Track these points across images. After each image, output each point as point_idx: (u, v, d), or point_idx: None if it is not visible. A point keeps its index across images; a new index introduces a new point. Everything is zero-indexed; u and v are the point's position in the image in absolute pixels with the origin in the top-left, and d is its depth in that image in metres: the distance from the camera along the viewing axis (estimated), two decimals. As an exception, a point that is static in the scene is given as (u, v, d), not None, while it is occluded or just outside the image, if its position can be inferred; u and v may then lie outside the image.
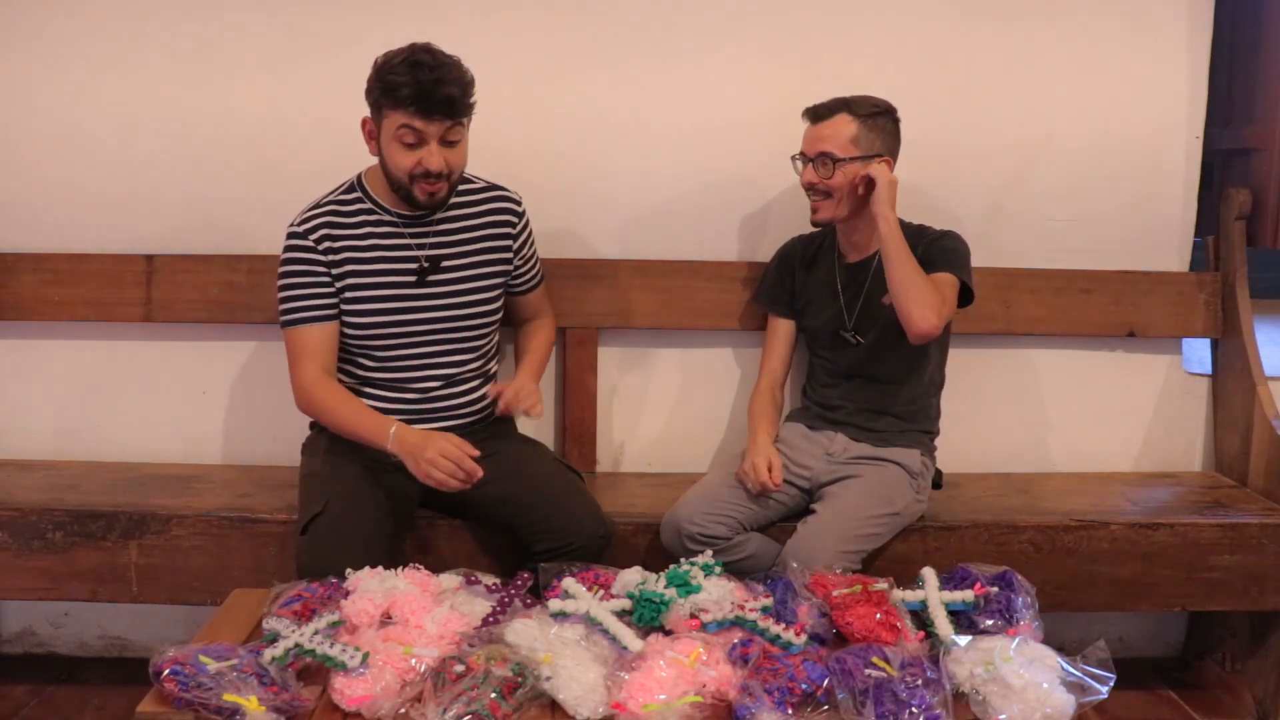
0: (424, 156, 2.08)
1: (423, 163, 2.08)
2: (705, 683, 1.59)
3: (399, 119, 2.05)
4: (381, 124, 2.09)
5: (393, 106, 2.05)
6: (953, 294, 2.24)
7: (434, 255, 2.21)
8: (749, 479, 2.23)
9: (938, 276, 2.23)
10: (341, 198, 2.21)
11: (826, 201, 2.28)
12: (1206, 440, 2.78)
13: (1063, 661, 1.63)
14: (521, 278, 2.35)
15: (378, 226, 2.19)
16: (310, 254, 2.16)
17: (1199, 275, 2.70)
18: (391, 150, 2.09)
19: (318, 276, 2.16)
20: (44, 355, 2.64)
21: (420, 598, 1.79)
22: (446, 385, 2.25)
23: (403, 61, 2.04)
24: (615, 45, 2.58)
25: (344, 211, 2.19)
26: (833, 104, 2.27)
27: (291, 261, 2.17)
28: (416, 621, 1.72)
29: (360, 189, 2.22)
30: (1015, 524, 2.32)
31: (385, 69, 2.06)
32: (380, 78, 2.06)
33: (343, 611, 1.75)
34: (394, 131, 2.07)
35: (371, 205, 2.20)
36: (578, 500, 2.20)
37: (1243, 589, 2.35)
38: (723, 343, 2.69)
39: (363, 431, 2.11)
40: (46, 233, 2.59)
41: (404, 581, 1.84)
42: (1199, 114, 2.66)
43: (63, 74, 2.55)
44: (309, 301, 2.16)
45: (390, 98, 2.05)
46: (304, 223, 2.18)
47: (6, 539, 2.24)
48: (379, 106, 2.08)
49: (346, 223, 2.18)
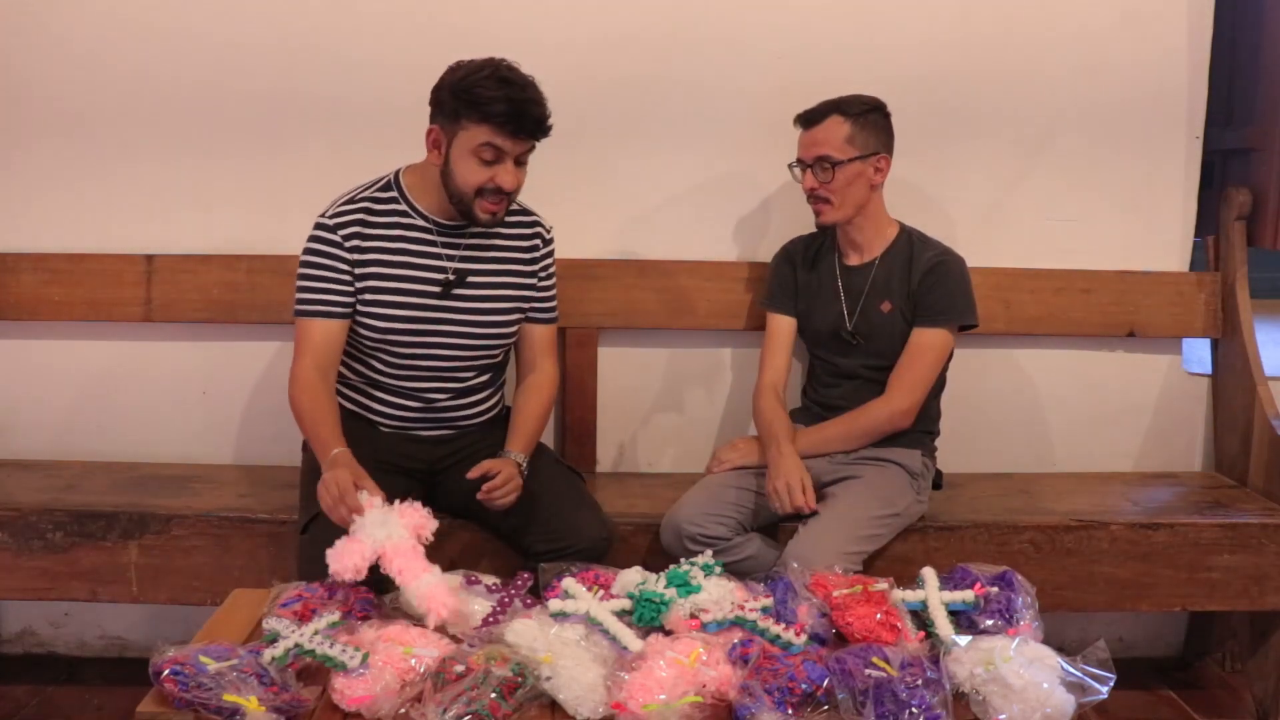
0: (497, 174, 2.05)
1: (495, 180, 2.05)
2: (705, 683, 1.59)
3: (482, 134, 2.01)
4: (457, 136, 2.04)
5: (478, 121, 2.01)
6: (937, 358, 2.29)
7: (461, 269, 2.18)
8: (779, 499, 2.17)
9: (925, 340, 2.27)
10: (376, 195, 2.17)
11: (829, 205, 2.28)
12: (1206, 440, 2.78)
13: (1063, 661, 1.63)
14: (536, 305, 2.29)
15: (409, 231, 2.15)
16: (336, 249, 2.12)
17: (1199, 275, 2.70)
18: (464, 164, 2.05)
19: (339, 273, 2.12)
20: (44, 355, 2.64)
21: (411, 558, 1.79)
22: (455, 396, 2.25)
23: (490, 76, 2.00)
24: (614, 45, 2.58)
25: (378, 210, 2.15)
26: (823, 107, 2.27)
27: (314, 253, 2.13)
28: (403, 581, 1.75)
29: (397, 189, 2.17)
30: (1015, 524, 2.31)
31: (470, 82, 2.01)
32: (466, 90, 2.01)
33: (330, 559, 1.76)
34: (473, 146, 2.03)
35: (407, 208, 2.16)
36: (579, 504, 2.19)
37: (1243, 589, 2.35)
38: (723, 343, 2.69)
39: (313, 441, 2.06)
40: (46, 233, 2.59)
41: (399, 529, 1.82)
42: (1199, 114, 2.66)
43: (62, 73, 2.55)
44: (322, 296, 2.12)
45: (477, 112, 2.00)
46: (335, 216, 2.13)
47: (6, 539, 2.24)
48: (456, 117, 2.03)
49: (379, 222, 2.14)
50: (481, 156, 2.04)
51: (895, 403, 2.27)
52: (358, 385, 2.24)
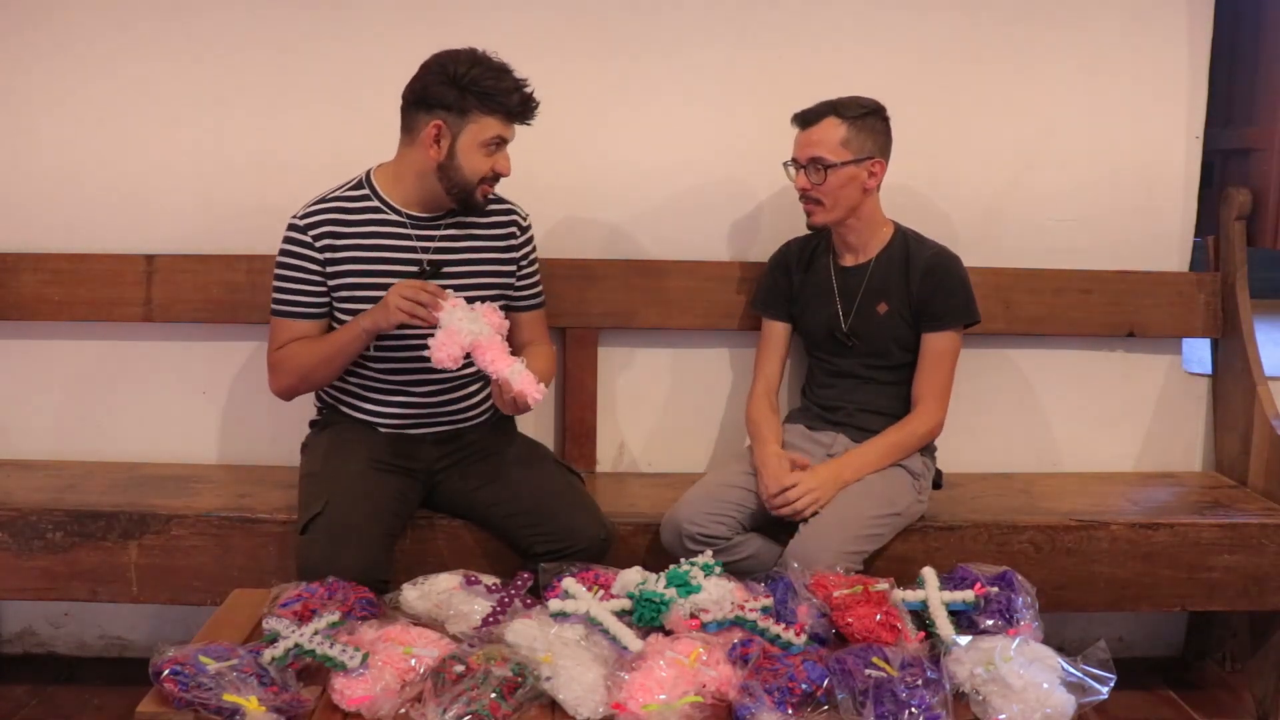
0: (498, 161, 2.10)
1: (496, 167, 2.10)
2: (705, 683, 1.59)
3: (493, 126, 2.06)
4: (464, 129, 2.07)
5: (489, 113, 2.05)
6: (954, 361, 2.31)
7: (436, 259, 2.20)
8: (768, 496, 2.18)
9: (941, 346, 2.29)
10: (348, 194, 2.20)
11: (820, 207, 2.28)
12: (1206, 440, 2.78)
13: (1063, 662, 1.63)
14: (521, 293, 2.32)
15: (383, 226, 2.18)
16: (307, 250, 2.15)
17: (1199, 275, 2.70)
18: (472, 155, 2.09)
19: (309, 274, 2.15)
20: (44, 355, 2.64)
21: (500, 351, 1.97)
22: (447, 390, 2.25)
23: (489, 69, 2.04)
24: (614, 45, 2.58)
25: (350, 209, 2.18)
26: (820, 108, 2.26)
27: (287, 254, 2.16)
28: (495, 370, 1.96)
29: (369, 187, 2.20)
30: (1015, 524, 2.32)
31: (473, 75, 2.03)
32: (474, 83, 2.03)
33: (430, 349, 1.96)
34: (485, 138, 2.07)
35: (379, 204, 2.19)
36: (578, 504, 2.19)
37: (1243, 589, 2.35)
38: (723, 343, 2.69)
39: (338, 344, 2.11)
40: (46, 233, 2.59)
41: (487, 326, 1.98)
42: (1199, 114, 2.66)
43: (62, 73, 2.55)
44: (295, 298, 2.16)
45: (488, 103, 2.04)
46: (306, 217, 2.16)
47: (6, 539, 2.24)
48: (464, 112, 2.06)
49: (351, 219, 2.17)
50: (489, 147, 2.08)
51: (934, 415, 2.29)
52: (352, 389, 2.25)
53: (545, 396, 2.63)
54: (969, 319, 2.32)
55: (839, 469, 2.21)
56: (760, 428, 2.34)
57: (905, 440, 2.27)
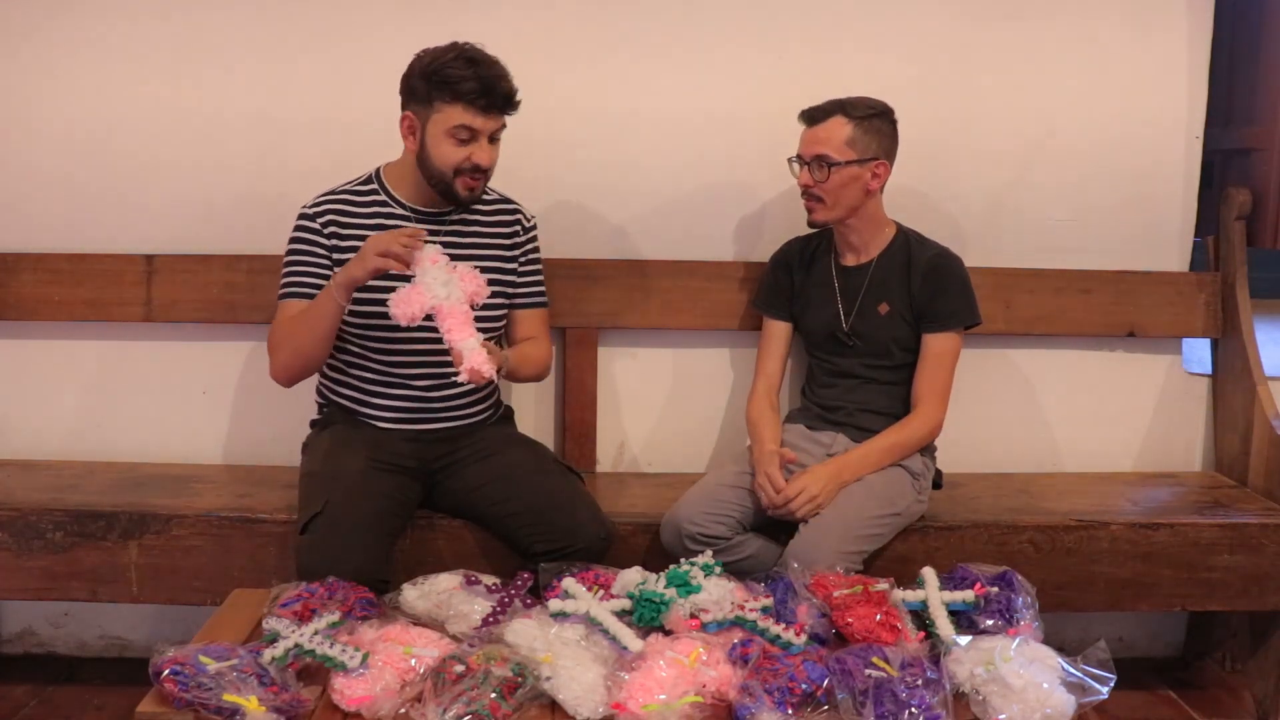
0: (474, 152, 2.11)
1: (472, 158, 2.11)
2: (705, 683, 1.59)
3: (456, 115, 2.07)
4: (430, 119, 2.10)
5: (450, 101, 2.07)
6: (955, 362, 2.30)
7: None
8: (764, 494, 2.18)
9: (942, 347, 2.29)
10: (357, 188, 2.24)
11: (820, 204, 2.28)
12: (1206, 440, 2.78)
13: (1063, 661, 1.63)
14: (521, 290, 2.33)
15: (388, 220, 2.20)
16: (315, 235, 2.18)
17: (1199, 275, 2.70)
18: (440, 145, 2.11)
19: (317, 258, 2.18)
20: (44, 355, 2.64)
21: (461, 321, 1.93)
22: (446, 386, 2.25)
23: (458, 58, 2.06)
24: (613, 44, 2.58)
25: (357, 201, 2.22)
26: (828, 106, 2.27)
27: (296, 240, 2.20)
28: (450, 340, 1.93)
29: (378, 182, 2.24)
30: (1015, 524, 2.31)
31: (439, 65, 2.06)
32: (436, 73, 2.06)
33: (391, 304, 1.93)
34: (449, 127, 2.09)
35: (387, 199, 2.22)
36: (578, 503, 2.19)
37: (1243, 589, 2.35)
38: (722, 343, 2.69)
39: (318, 304, 2.10)
40: (46, 233, 2.59)
41: (458, 292, 1.96)
42: (1199, 114, 2.66)
43: (62, 73, 2.55)
44: (300, 279, 2.19)
45: (448, 92, 2.06)
46: (315, 205, 2.21)
47: (6, 539, 2.24)
48: (429, 101, 2.09)
49: (359, 212, 2.21)
50: (457, 136, 2.09)
51: (934, 416, 2.29)
52: (352, 383, 2.25)
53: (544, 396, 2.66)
54: (970, 320, 2.32)
55: (839, 469, 2.21)
56: (759, 428, 2.34)
57: (905, 441, 2.27)
